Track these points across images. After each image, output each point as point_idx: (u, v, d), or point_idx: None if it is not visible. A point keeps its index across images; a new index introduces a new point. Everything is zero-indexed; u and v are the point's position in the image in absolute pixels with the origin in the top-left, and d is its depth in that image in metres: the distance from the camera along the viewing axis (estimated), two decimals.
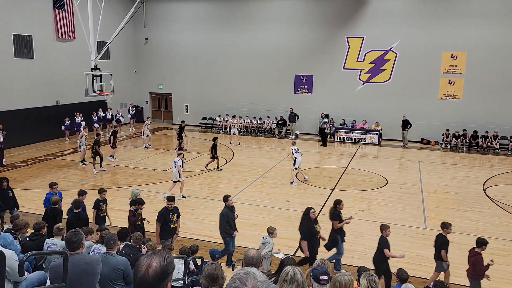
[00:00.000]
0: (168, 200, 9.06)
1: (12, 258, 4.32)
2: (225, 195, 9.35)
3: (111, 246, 5.52)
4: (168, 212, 8.93)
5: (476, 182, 15.86)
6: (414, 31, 22.77)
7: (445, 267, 8.06)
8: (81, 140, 17.56)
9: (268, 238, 8.29)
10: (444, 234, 8.06)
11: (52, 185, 10.13)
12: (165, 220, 8.85)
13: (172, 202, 9.04)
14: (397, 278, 6.40)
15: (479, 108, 22.21)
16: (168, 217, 8.88)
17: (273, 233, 8.39)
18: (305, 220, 8.65)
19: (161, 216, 8.88)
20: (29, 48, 21.05)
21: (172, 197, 9.20)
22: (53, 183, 10.25)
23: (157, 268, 2.03)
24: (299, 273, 2.92)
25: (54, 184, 10.17)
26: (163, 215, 8.89)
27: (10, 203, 10.39)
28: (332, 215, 9.11)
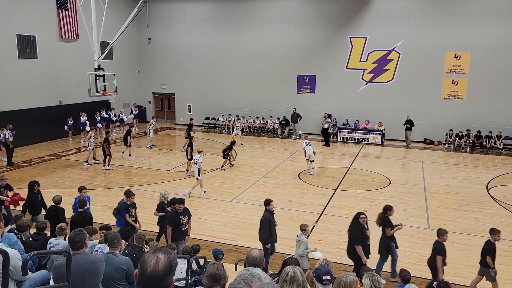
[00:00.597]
0: (178, 202, 8.90)
1: (15, 257, 4.33)
2: (266, 199, 8.98)
3: (114, 245, 5.53)
4: (179, 214, 8.81)
5: (479, 182, 15.80)
6: (417, 31, 22.71)
7: (492, 274, 7.88)
8: (89, 141, 17.66)
9: (301, 236, 8.03)
10: (492, 240, 7.91)
11: (81, 189, 9.73)
12: (176, 223, 8.75)
13: (181, 205, 8.87)
14: (400, 279, 6.39)
15: (483, 108, 22.13)
16: (179, 220, 8.77)
17: (306, 230, 8.10)
18: (356, 225, 8.33)
19: (171, 220, 8.78)
20: (32, 48, 21.12)
21: (182, 199, 9.04)
22: (82, 187, 9.84)
23: (165, 262, 2.09)
24: (299, 273, 2.89)
25: (83, 188, 9.76)
26: (174, 218, 8.78)
27: (39, 207, 10.11)
28: (383, 222, 8.71)
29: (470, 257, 9.51)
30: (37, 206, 10.07)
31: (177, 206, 8.84)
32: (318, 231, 10.95)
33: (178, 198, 9.10)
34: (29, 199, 9.99)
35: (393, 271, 8.76)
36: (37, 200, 10.04)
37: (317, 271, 4.20)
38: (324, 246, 10.08)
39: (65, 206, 10.03)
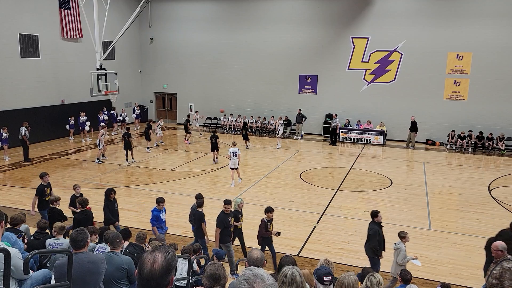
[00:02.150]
0: (225, 203, 8.64)
1: (16, 256, 4.34)
2: (373, 210, 8.47)
3: (115, 245, 5.53)
4: (227, 216, 8.58)
5: (481, 183, 15.77)
6: (419, 31, 22.68)
7: None
8: (101, 139, 17.91)
9: (400, 244, 7.69)
10: None
11: (159, 201, 9.14)
12: (224, 225, 8.48)
13: (229, 206, 8.63)
14: (400, 279, 6.38)
15: (485, 109, 22.08)
16: (227, 222, 8.53)
17: (405, 238, 7.73)
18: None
19: (220, 222, 8.47)
20: (35, 48, 21.16)
21: (229, 200, 8.76)
22: (160, 198, 9.24)
23: (163, 262, 2.07)
24: (297, 274, 2.85)
25: (161, 201, 9.14)
26: (222, 221, 8.49)
27: (116, 215, 9.69)
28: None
29: (472, 258, 9.49)
30: (114, 214, 9.63)
31: (224, 207, 8.60)
32: (319, 232, 10.94)
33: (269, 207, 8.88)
34: (107, 207, 9.52)
35: None
36: (113, 208, 9.61)
37: (318, 272, 4.20)
38: (325, 246, 10.08)
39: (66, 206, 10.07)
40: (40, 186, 10.16)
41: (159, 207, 9.09)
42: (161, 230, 9.16)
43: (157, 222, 9.06)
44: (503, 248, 6.24)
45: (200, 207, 9.07)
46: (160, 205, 9.08)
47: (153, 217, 9.06)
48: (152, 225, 9.08)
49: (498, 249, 6.25)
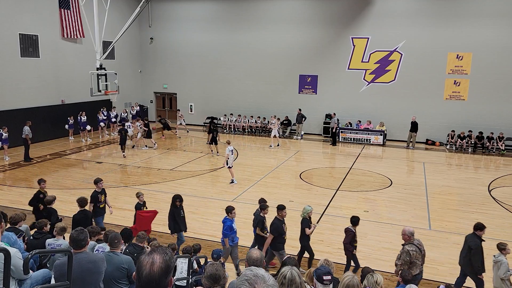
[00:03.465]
0: (280, 209, 8.25)
1: (16, 256, 4.34)
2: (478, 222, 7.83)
3: (115, 245, 5.53)
4: (281, 223, 8.22)
5: (481, 183, 15.77)
6: (419, 31, 22.68)
7: None
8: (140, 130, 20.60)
9: (500, 257, 7.24)
10: None
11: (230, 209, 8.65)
12: (279, 232, 8.15)
13: (283, 211, 8.27)
14: (400, 279, 6.38)
15: (485, 109, 22.09)
16: (282, 229, 8.19)
17: (505, 249, 7.35)
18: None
19: (275, 229, 8.10)
20: (35, 48, 21.16)
21: (284, 206, 8.43)
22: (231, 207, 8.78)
23: (162, 263, 2.06)
24: (297, 275, 2.81)
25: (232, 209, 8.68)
26: (278, 228, 8.12)
27: (183, 223, 9.40)
28: None
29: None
30: (181, 222, 9.33)
31: (278, 212, 8.25)
32: (320, 232, 10.93)
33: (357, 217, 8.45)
34: (172, 214, 9.21)
35: None
36: (179, 215, 9.29)
37: (318, 271, 4.20)
38: (326, 246, 10.08)
39: (66, 206, 10.08)
40: (94, 192, 9.90)
41: (231, 216, 8.46)
42: (231, 242, 8.55)
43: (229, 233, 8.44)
44: (410, 233, 7.09)
45: (262, 211, 8.64)
46: (232, 214, 8.46)
47: (226, 228, 8.39)
48: (225, 236, 8.41)
49: (406, 234, 7.09)
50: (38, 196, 9.84)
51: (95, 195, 9.92)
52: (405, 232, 7.23)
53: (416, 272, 7.22)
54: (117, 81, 20.08)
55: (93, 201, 9.84)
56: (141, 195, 9.86)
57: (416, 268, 7.17)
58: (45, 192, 10.02)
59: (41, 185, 10.14)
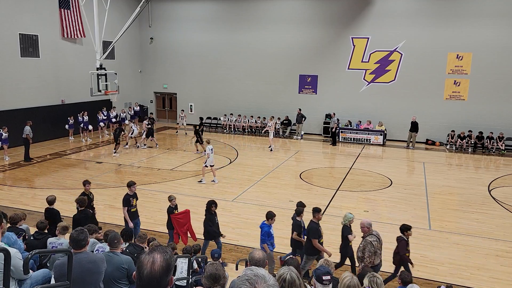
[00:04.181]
0: (317, 211, 8.11)
1: (16, 256, 4.34)
2: None
3: (115, 245, 5.53)
4: (318, 226, 8.06)
5: (481, 183, 15.77)
6: (419, 31, 22.68)
7: None
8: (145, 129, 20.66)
9: None
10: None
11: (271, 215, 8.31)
12: (320, 235, 8.00)
13: (319, 214, 8.11)
14: (400, 280, 6.37)
15: (485, 109, 22.09)
16: (320, 232, 8.03)
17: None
18: None
19: (315, 232, 7.92)
20: (35, 48, 21.16)
21: (319, 208, 8.26)
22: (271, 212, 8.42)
23: (163, 262, 2.06)
24: (296, 277, 2.80)
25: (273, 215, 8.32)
26: (317, 231, 7.94)
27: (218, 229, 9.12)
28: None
29: (472, 258, 9.49)
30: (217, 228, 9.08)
31: (316, 215, 8.07)
32: None
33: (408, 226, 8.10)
34: (209, 221, 8.94)
35: None
36: (214, 221, 9.05)
37: (317, 271, 4.21)
38: (325, 246, 10.03)
39: (66, 205, 10.08)
40: (126, 196, 9.58)
41: (270, 222, 8.20)
42: (271, 248, 8.29)
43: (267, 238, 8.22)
44: (369, 224, 7.25)
45: (299, 215, 8.44)
46: (271, 220, 8.21)
47: (264, 233, 8.18)
48: (263, 242, 8.18)
49: (365, 226, 7.17)
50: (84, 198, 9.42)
51: (128, 198, 9.52)
52: (364, 225, 7.32)
53: (377, 262, 7.39)
54: (117, 81, 20.08)
55: (125, 204, 9.49)
56: (173, 199, 9.47)
57: (377, 257, 7.35)
58: (89, 194, 9.71)
59: (86, 187, 9.74)
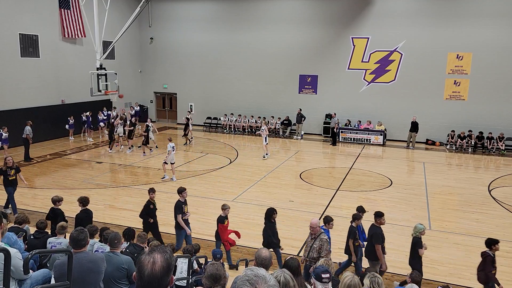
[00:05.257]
0: (379, 216, 7.91)
1: (16, 257, 4.33)
2: None
3: (115, 245, 5.53)
4: (381, 230, 7.79)
5: (481, 183, 15.77)
6: (420, 31, 22.68)
7: None
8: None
9: None
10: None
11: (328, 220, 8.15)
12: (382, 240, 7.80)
13: (382, 218, 7.87)
14: (409, 279, 6.42)
15: (485, 109, 22.09)
16: (383, 236, 7.84)
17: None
18: None
19: (379, 237, 7.73)
20: (35, 48, 21.16)
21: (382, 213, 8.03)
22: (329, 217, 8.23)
23: (163, 262, 2.05)
24: (290, 279, 2.78)
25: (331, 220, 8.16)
26: (381, 235, 7.74)
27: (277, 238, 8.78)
28: None
29: (472, 258, 9.48)
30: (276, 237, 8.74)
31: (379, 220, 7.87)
32: None
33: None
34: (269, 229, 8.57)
35: None
36: (274, 230, 8.71)
37: (316, 270, 4.23)
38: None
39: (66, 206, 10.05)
40: (178, 202, 9.27)
41: (328, 226, 7.98)
42: None
43: None
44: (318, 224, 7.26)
45: (355, 221, 8.23)
46: (329, 225, 7.99)
47: None
48: None
49: (316, 225, 7.14)
50: (149, 206, 9.28)
51: (180, 205, 9.16)
52: (315, 225, 7.20)
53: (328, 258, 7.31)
54: (117, 81, 20.08)
55: (179, 211, 9.11)
56: (227, 208, 8.99)
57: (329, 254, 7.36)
58: (154, 202, 9.46)
59: (151, 195, 9.44)
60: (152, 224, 9.38)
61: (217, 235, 8.97)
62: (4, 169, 11.23)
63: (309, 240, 7.33)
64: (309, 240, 7.35)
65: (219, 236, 8.91)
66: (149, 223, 9.31)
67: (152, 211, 9.37)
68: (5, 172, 11.25)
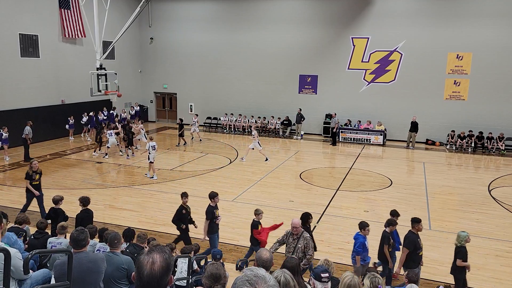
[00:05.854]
0: (415, 221, 7.64)
1: (15, 257, 4.33)
2: None
3: (115, 245, 5.53)
4: (417, 237, 7.54)
5: (481, 183, 15.77)
6: (420, 31, 22.68)
7: None
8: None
9: None
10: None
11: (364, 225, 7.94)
12: (415, 246, 7.53)
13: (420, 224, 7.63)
14: (407, 280, 6.42)
15: (485, 109, 22.09)
16: (418, 243, 7.55)
17: None
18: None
19: (410, 243, 7.47)
20: (35, 48, 21.16)
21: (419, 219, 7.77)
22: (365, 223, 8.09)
23: (162, 262, 2.05)
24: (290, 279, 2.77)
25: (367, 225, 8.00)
26: (413, 241, 7.46)
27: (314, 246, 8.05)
28: None
29: (472, 258, 9.46)
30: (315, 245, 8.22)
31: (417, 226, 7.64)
32: (320, 231, 10.93)
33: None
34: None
35: None
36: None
37: (315, 270, 4.24)
38: (325, 246, 10.07)
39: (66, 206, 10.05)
40: (209, 207, 9.03)
41: (364, 232, 7.80)
42: (362, 262, 7.84)
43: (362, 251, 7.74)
44: (300, 223, 7.10)
45: (389, 226, 8.02)
46: (365, 231, 7.80)
47: (359, 245, 7.72)
48: (357, 253, 7.75)
49: (298, 225, 7.01)
50: (181, 211, 9.03)
51: (212, 211, 8.87)
52: (298, 224, 7.00)
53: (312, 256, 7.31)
54: (117, 81, 20.07)
55: (209, 217, 8.85)
56: (260, 213, 8.74)
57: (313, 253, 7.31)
58: (187, 207, 9.23)
59: (184, 200, 9.18)
60: (184, 230, 9.11)
61: (253, 240, 8.70)
62: (31, 173, 11.01)
63: (291, 241, 7.07)
64: (291, 241, 7.07)
65: (256, 240, 8.62)
66: (181, 228, 9.08)
67: (185, 216, 9.10)
68: (31, 176, 11.02)
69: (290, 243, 7.10)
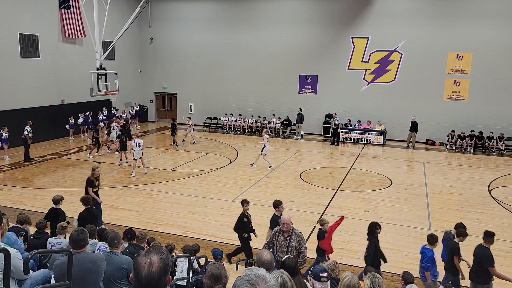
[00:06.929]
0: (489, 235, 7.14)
1: (15, 257, 4.33)
2: None
3: (115, 245, 5.53)
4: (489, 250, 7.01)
5: (481, 183, 15.76)
6: (420, 31, 22.68)
7: None
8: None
9: None
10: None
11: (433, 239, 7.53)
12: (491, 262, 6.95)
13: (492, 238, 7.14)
14: (403, 282, 6.38)
15: (485, 109, 22.09)
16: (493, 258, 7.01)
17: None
18: None
19: (490, 258, 6.93)
20: (35, 48, 21.16)
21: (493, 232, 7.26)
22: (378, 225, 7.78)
23: (160, 263, 2.04)
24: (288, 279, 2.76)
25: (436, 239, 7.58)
26: (492, 257, 6.95)
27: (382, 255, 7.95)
28: None
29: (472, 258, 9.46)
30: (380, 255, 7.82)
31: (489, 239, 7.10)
32: None
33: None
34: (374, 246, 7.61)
35: None
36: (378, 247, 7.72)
37: (314, 270, 4.25)
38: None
39: (66, 206, 10.04)
40: (241, 215, 8.76)
41: (432, 247, 7.30)
42: (433, 278, 7.31)
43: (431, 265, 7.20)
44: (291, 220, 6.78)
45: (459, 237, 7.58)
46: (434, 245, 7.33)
47: (428, 259, 7.16)
48: (425, 269, 7.20)
49: (290, 222, 6.72)
50: (242, 219, 8.72)
51: (276, 220, 8.03)
52: (289, 221, 6.64)
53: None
54: (117, 81, 20.08)
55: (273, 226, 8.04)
56: (325, 223, 8.28)
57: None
58: (248, 215, 8.83)
59: (245, 207, 8.81)
60: (245, 239, 8.75)
61: (320, 250, 8.31)
62: (92, 180, 10.64)
63: (282, 240, 6.63)
64: (281, 240, 6.63)
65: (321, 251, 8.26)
66: (243, 237, 8.73)
67: (246, 224, 8.70)
68: (92, 183, 10.66)
69: (281, 242, 6.63)
